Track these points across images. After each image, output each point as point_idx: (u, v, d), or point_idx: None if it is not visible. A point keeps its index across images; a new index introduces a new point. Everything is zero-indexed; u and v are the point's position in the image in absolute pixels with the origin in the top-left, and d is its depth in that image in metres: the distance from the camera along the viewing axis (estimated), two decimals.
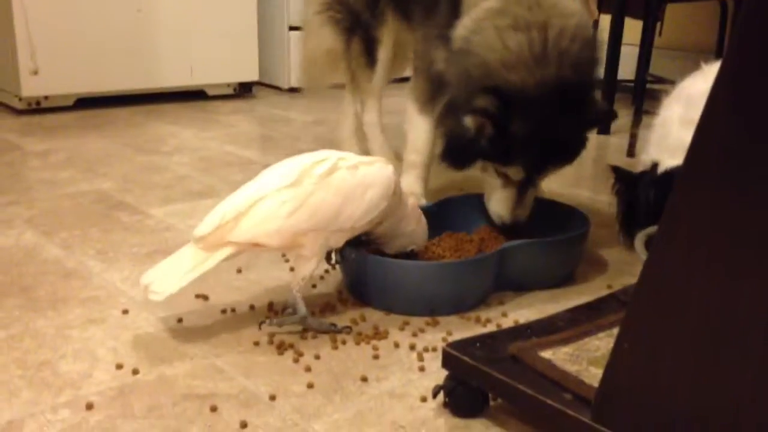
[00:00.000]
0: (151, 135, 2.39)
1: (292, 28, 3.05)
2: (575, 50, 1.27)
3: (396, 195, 1.18)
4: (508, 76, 1.26)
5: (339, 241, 1.17)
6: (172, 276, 1.10)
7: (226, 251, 1.11)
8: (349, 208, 1.13)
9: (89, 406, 0.95)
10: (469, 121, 1.29)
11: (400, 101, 1.73)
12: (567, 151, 1.33)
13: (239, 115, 2.73)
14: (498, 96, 1.25)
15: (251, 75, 2.98)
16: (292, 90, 3.13)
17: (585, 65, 1.30)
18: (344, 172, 1.14)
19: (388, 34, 1.85)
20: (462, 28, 1.34)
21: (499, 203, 1.38)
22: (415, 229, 1.25)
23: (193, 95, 2.91)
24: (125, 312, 1.20)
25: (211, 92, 2.95)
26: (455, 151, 1.37)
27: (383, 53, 1.88)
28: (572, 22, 1.28)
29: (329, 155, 1.16)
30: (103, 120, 2.56)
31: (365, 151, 1.92)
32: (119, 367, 1.04)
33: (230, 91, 2.98)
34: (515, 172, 1.32)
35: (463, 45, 1.32)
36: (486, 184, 1.40)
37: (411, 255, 1.27)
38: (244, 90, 3.01)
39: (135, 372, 1.03)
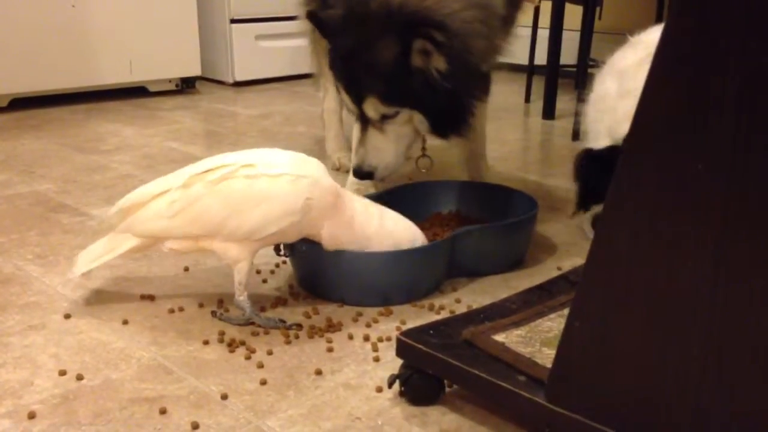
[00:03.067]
0: (90, 134, 2.31)
1: (233, 21, 2.99)
2: None
3: (315, 208, 1.09)
4: None
5: (256, 249, 1.12)
6: (87, 258, 1.17)
7: (133, 241, 1.14)
8: (235, 220, 1.07)
9: (31, 415, 0.91)
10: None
11: None
12: (387, 83, 1.21)
13: (182, 110, 2.67)
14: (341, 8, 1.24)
15: (193, 70, 2.91)
16: (237, 84, 3.08)
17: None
18: (239, 181, 1.07)
19: None
20: None
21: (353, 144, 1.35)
22: (377, 230, 1.16)
23: (134, 92, 2.83)
24: (67, 316, 1.16)
25: (152, 88, 2.87)
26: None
27: None
28: None
29: (237, 161, 1.09)
30: (39, 120, 2.48)
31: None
32: (62, 373, 1.00)
33: (172, 86, 2.92)
34: (344, 95, 1.27)
35: None
36: None
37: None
38: (186, 85, 2.95)
39: (79, 378, 0.99)
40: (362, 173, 1.33)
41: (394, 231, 1.18)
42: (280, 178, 1.08)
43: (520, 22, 1.54)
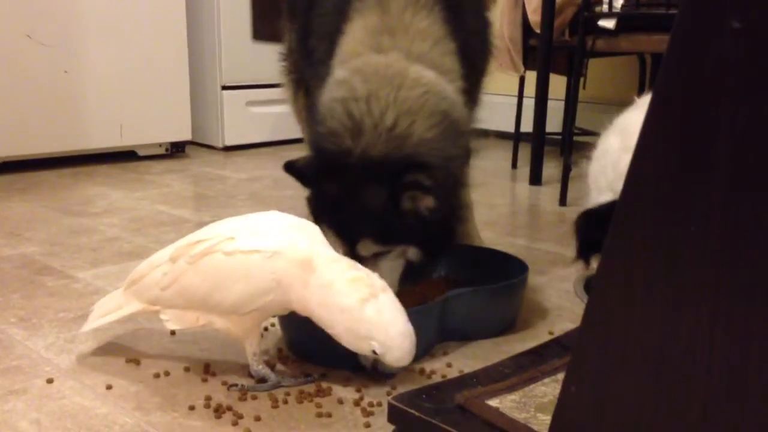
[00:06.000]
0: (78, 197, 2.31)
1: (224, 88, 3.04)
2: (402, 125, 1.20)
3: (282, 284, 1.03)
4: (324, 143, 1.25)
5: (258, 320, 1.11)
6: (98, 313, 1.20)
7: (137, 305, 1.16)
8: (216, 296, 1.06)
9: None
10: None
11: None
12: (380, 226, 1.19)
13: (172, 174, 2.68)
14: (316, 158, 1.25)
15: (184, 134, 2.94)
16: (226, 148, 3.11)
17: (413, 140, 1.20)
18: (218, 257, 1.05)
19: None
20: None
21: None
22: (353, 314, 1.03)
23: (124, 156, 2.85)
24: (50, 381, 1.13)
25: (142, 152, 2.89)
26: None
27: None
28: (412, 93, 1.21)
29: (221, 233, 1.07)
30: (27, 183, 2.47)
31: None
32: None
33: (162, 151, 2.93)
34: (332, 239, 1.23)
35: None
36: None
37: None
38: (176, 150, 2.97)
39: None
40: None
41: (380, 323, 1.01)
42: (252, 254, 1.03)
43: (505, 91, 1.57)
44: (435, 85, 1.25)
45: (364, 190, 1.20)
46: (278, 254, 1.03)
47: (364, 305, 1.00)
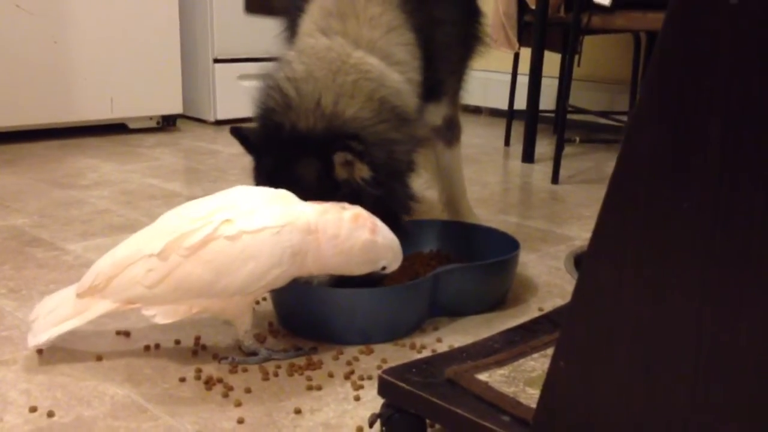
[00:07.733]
0: (68, 169, 2.29)
1: (216, 61, 3.01)
2: (333, 105, 1.20)
3: (300, 254, 1.05)
4: (261, 119, 1.27)
5: (253, 300, 1.11)
6: (50, 320, 1.09)
7: (106, 305, 1.07)
8: (223, 281, 1.03)
9: None
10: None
11: None
12: (316, 197, 1.13)
13: (163, 148, 2.66)
14: (258, 130, 1.26)
15: (175, 108, 2.91)
16: (218, 123, 3.08)
17: (345, 117, 1.20)
18: (221, 242, 1.02)
19: None
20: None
21: None
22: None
23: (114, 128, 2.82)
24: (39, 352, 1.13)
25: (132, 125, 2.86)
26: None
27: None
28: (348, 78, 1.21)
29: (213, 217, 1.04)
30: (16, 155, 2.45)
31: None
32: (33, 410, 0.97)
33: (153, 124, 2.91)
34: None
35: None
36: None
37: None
38: (167, 123, 2.94)
39: (50, 414, 0.96)
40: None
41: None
42: (261, 233, 1.03)
43: (499, 68, 1.53)
44: (375, 73, 1.24)
45: (297, 163, 1.20)
46: (288, 226, 1.04)
47: (376, 236, 1.09)
